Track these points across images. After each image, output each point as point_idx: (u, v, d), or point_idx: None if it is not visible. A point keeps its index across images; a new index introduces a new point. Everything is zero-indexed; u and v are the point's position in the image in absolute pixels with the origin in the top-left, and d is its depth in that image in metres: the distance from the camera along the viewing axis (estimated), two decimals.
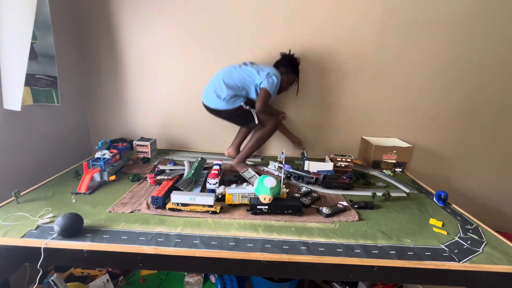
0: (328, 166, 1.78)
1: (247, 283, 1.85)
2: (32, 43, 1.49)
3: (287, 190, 1.44)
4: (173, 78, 2.09)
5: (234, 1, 1.91)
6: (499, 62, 1.99)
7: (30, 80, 1.60)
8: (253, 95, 1.77)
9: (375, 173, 1.93)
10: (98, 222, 1.16)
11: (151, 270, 1.77)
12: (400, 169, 2.01)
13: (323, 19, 1.93)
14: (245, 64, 1.82)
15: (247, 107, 1.75)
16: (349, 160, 1.85)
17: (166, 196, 1.34)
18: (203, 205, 1.27)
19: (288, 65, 1.86)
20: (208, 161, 1.85)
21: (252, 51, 2.00)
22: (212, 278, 1.76)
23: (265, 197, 1.26)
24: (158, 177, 1.52)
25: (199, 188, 1.51)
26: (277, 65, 1.87)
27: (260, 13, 1.93)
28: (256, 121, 1.76)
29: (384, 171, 1.97)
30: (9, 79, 1.45)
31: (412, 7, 1.89)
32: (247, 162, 1.92)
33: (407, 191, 1.65)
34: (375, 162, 1.99)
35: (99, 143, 1.66)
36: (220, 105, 1.75)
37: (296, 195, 1.46)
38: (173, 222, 1.19)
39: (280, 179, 1.46)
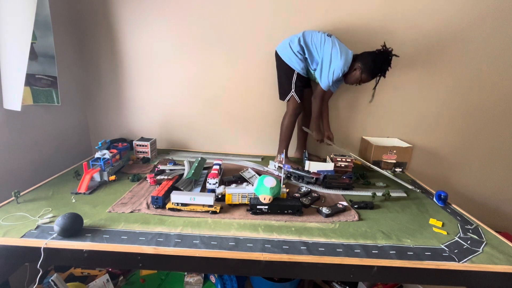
0: (328, 166, 1.78)
1: (247, 283, 1.85)
2: (32, 43, 1.49)
3: (287, 190, 1.44)
4: (173, 78, 2.09)
5: (235, 1, 1.91)
6: (500, 62, 1.98)
7: (30, 80, 1.60)
8: (309, 68, 1.81)
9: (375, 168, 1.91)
10: (98, 222, 1.16)
11: (151, 270, 1.77)
12: (400, 169, 2.01)
13: (321, 21, 1.93)
14: (329, 36, 1.70)
15: (293, 84, 1.80)
16: (349, 160, 1.85)
17: (166, 196, 1.34)
18: (203, 205, 1.27)
19: (367, 64, 1.64)
20: (208, 161, 1.85)
21: (253, 50, 2.00)
22: (212, 278, 1.76)
23: (265, 197, 1.26)
24: (158, 177, 1.52)
25: (199, 188, 1.51)
26: (361, 56, 1.70)
27: (260, 13, 1.93)
28: (286, 99, 1.85)
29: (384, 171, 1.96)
30: (9, 79, 1.45)
31: (411, 7, 1.89)
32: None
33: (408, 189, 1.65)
34: (375, 162, 1.99)
35: (99, 143, 1.66)
36: (288, 59, 1.77)
37: (296, 195, 1.46)
38: (173, 222, 1.19)
39: (280, 179, 1.46)
